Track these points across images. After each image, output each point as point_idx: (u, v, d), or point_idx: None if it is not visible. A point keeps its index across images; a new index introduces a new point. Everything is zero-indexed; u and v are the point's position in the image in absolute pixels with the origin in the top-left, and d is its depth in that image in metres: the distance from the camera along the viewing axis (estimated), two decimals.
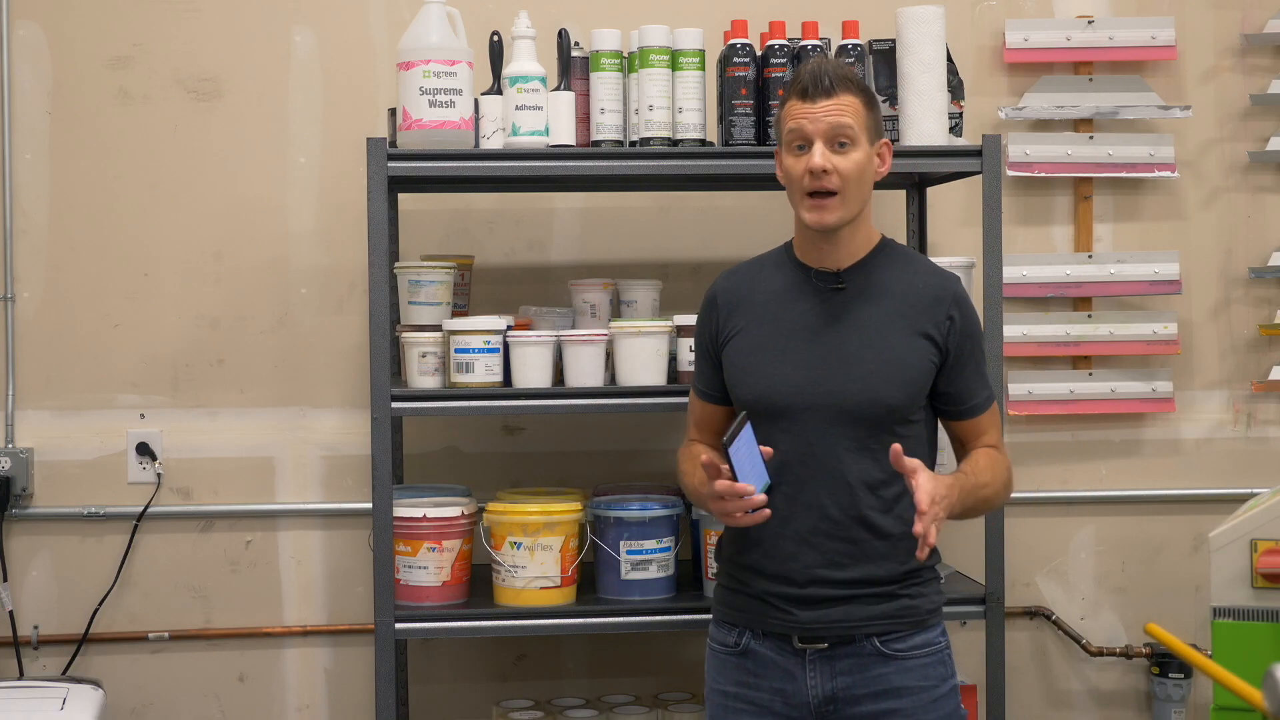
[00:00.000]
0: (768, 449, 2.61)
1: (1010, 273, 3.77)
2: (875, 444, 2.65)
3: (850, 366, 2.66)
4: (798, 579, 2.66)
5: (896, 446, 2.54)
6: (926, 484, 2.50)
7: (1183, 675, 3.89)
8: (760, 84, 3.34)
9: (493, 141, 3.29)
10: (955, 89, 3.44)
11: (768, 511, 2.57)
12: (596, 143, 3.33)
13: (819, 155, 2.63)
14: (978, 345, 2.75)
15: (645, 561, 3.36)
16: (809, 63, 2.70)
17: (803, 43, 3.35)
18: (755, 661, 2.72)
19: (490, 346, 3.27)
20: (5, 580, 3.78)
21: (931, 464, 2.75)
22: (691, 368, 3.29)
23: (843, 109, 2.64)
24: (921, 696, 2.68)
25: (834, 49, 3.37)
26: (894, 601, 2.68)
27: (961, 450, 2.80)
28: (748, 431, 2.58)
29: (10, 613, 3.78)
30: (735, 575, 2.75)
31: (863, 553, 2.66)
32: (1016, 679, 3.94)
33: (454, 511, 3.36)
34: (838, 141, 2.64)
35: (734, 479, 2.54)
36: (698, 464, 2.74)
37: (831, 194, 2.65)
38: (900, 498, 2.66)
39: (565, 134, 3.30)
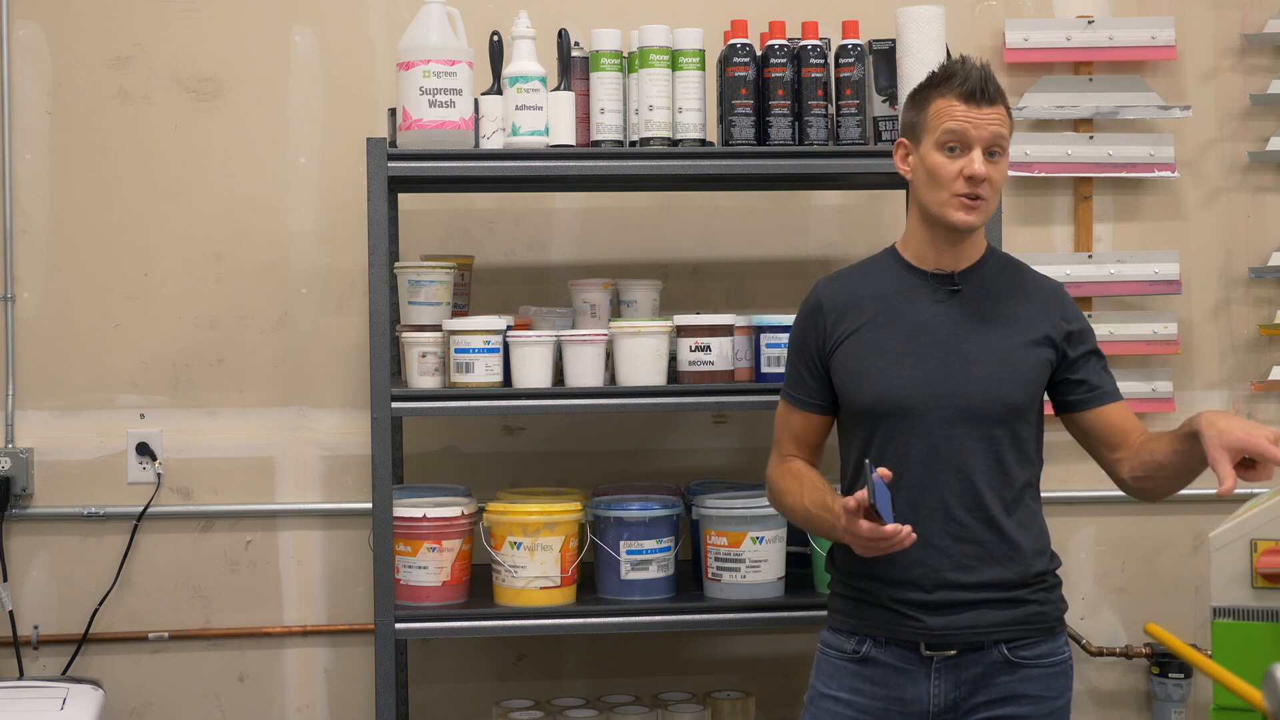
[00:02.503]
0: (886, 472, 2.54)
1: None
2: (999, 443, 2.65)
3: (970, 366, 2.65)
4: (925, 585, 2.63)
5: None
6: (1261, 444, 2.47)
7: (1183, 675, 3.89)
8: (760, 84, 3.34)
9: (493, 141, 3.29)
10: None
11: (914, 536, 2.53)
12: (596, 143, 3.33)
13: (979, 163, 2.63)
14: (1094, 336, 2.75)
15: (645, 561, 3.36)
16: (965, 65, 2.68)
17: (803, 43, 3.35)
18: (874, 668, 2.68)
19: (490, 346, 3.27)
20: (5, 580, 3.78)
21: (1040, 467, 2.75)
22: (692, 368, 3.31)
23: (1003, 119, 2.67)
24: (1041, 706, 2.65)
25: (834, 49, 3.37)
26: (1024, 607, 2.66)
27: (1108, 449, 2.73)
28: (876, 474, 2.52)
29: (10, 613, 3.78)
30: (855, 585, 2.71)
31: (989, 555, 2.63)
32: None
33: (454, 511, 3.36)
34: (991, 151, 2.65)
35: (880, 523, 2.51)
36: (804, 484, 2.73)
37: (980, 198, 2.65)
38: (1018, 500, 2.67)
39: (565, 134, 3.30)
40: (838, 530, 2.60)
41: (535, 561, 3.32)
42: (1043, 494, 3.95)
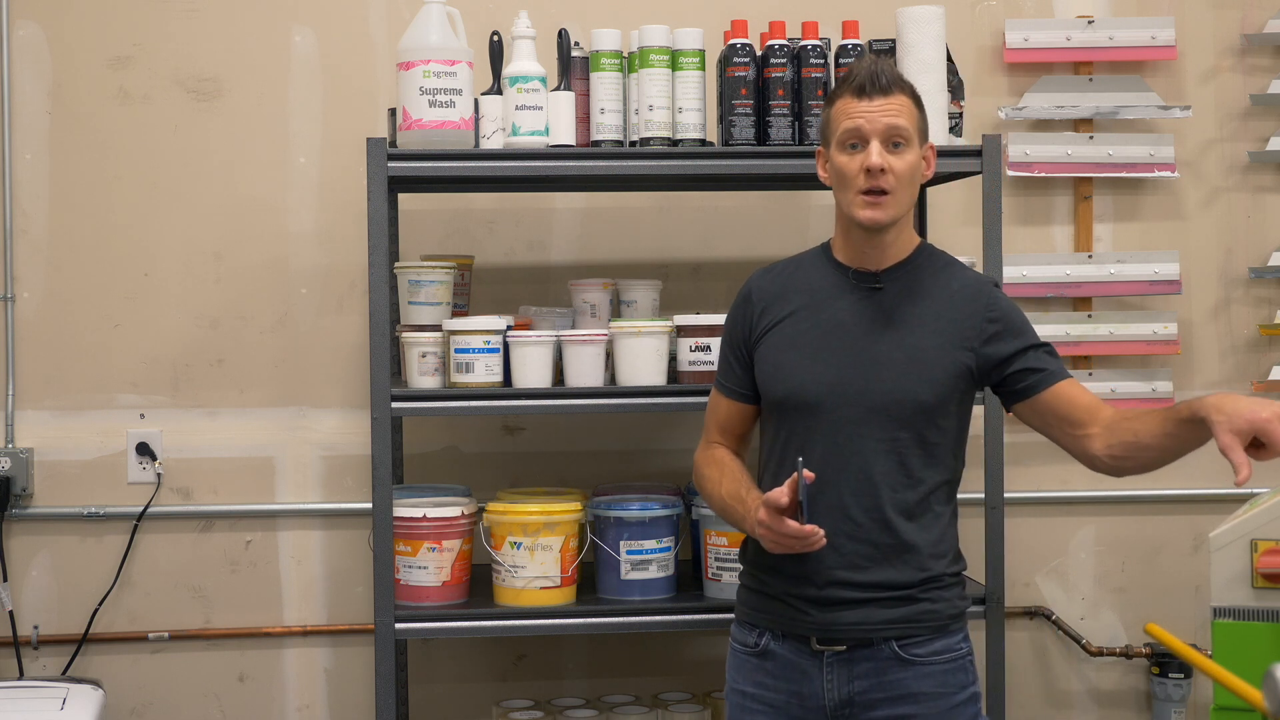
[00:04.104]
0: (810, 474, 2.54)
1: (1010, 273, 3.77)
2: (903, 445, 2.64)
3: (881, 365, 2.65)
4: (816, 580, 2.64)
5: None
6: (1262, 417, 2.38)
7: (1183, 675, 3.89)
8: (760, 84, 3.34)
9: (493, 141, 3.29)
10: (955, 89, 3.44)
11: (824, 540, 2.55)
12: (596, 143, 3.33)
13: (876, 154, 2.60)
14: (1030, 329, 2.70)
15: (645, 561, 3.36)
16: (862, 61, 2.67)
17: (803, 43, 3.35)
18: (773, 663, 2.70)
19: (490, 346, 3.27)
20: (5, 580, 3.78)
21: (957, 472, 2.72)
22: (692, 368, 3.31)
23: (899, 109, 2.63)
24: (939, 703, 2.65)
25: (834, 49, 3.38)
26: (913, 605, 2.65)
27: (1073, 426, 2.64)
28: (802, 479, 2.53)
29: (10, 613, 3.78)
30: (757, 576, 2.74)
31: (882, 555, 2.63)
32: (1016, 679, 3.94)
33: (454, 511, 3.36)
34: (892, 142, 2.62)
35: (802, 523, 2.53)
36: (724, 472, 2.75)
37: (885, 192, 2.63)
38: (922, 503, 2.65)
39: (565, 134, 3.30)
40: (748, 522, 2.64)
41: (535, 561, 3.32)
42: (1043, 494, 4.00)
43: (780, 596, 2.68)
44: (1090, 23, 3.97)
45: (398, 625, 3.25)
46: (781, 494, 2.53)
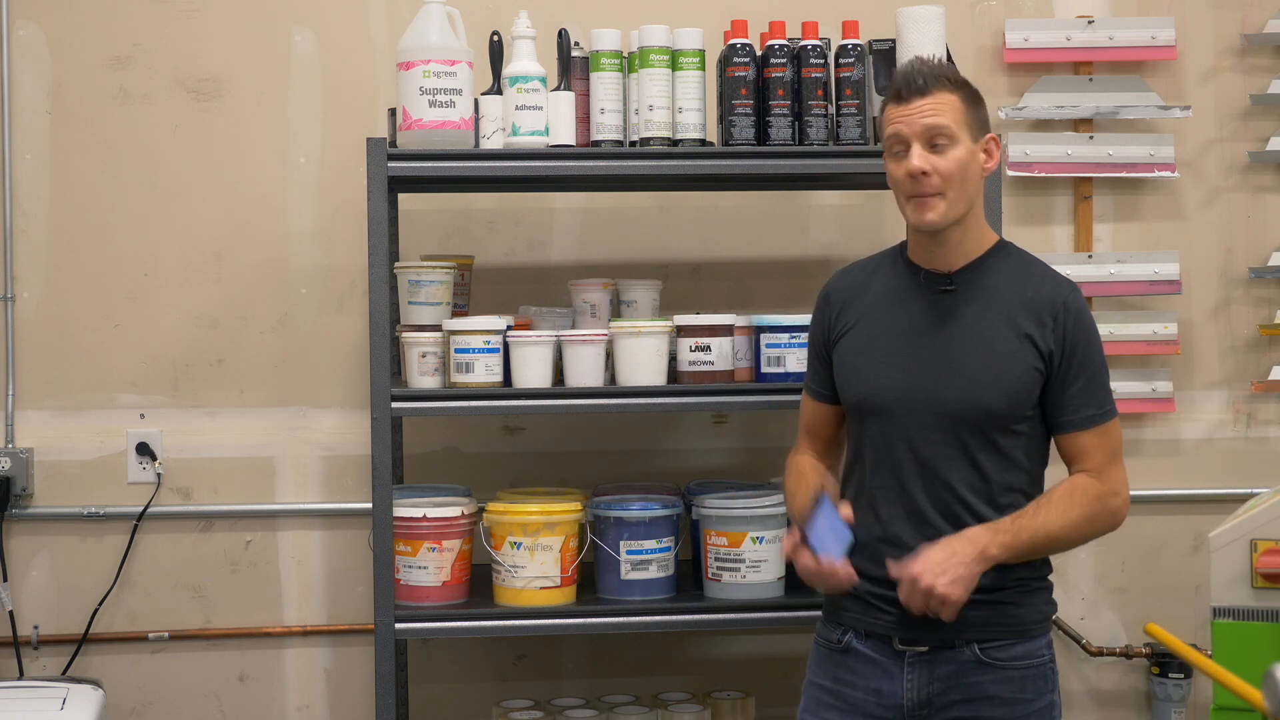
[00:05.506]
0: (847, 512, 2.64)
1: None
2: (978, 450, 2.62)
3: (952, 371, 2.63)
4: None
5: (890, 565, 2.59)
6: (911, 566, 2.56)
7: (1183, 675, 3.89)
8: (760, 84, 3.34)
9: (493, 141, 3.29)
10: None
11: (854, 577, 2.62)
12: (596, 143, 3.33)
13: (916, 158, 2.60)
14: (1087, 358, 2.65)
15: (645, 561, 3.36)
16: (904, 65, 2.67)
17: (803, 43, 3.35)
18: (855, 660, 2.70)
19: (490, 346, 3.27)
20: (5, 580, 3.78)
21: (1037, 473, 2.70)
22: (692, 368, 3.32)
23: (938, 108, 2.61)
24: (1016, 709, 2.64)
25: (834, 49, 3.38)
26: (999, 609, 2.64)
27: (1068, 469, 2.72)
28: (825, 508, 2.60)
29: (10, 613, 3.78)
30: None
31: None
32: None
33: (454, 511, 3.36)
34: (933, 141, 2.61)
35: (815, 557, 2.60)
36: (800, 489, 2.76)
37: (932, 194, 2.61)
38: (1000, 507, 2.63)
39: (565, 134, 3.30)
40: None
41: (535, 561, 3.32)
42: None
43: (863, 596, 2.68)
44: (1090, 23, 3.97)
45: (398, 625, 3.25)
46: (790, 540, 2.63)
